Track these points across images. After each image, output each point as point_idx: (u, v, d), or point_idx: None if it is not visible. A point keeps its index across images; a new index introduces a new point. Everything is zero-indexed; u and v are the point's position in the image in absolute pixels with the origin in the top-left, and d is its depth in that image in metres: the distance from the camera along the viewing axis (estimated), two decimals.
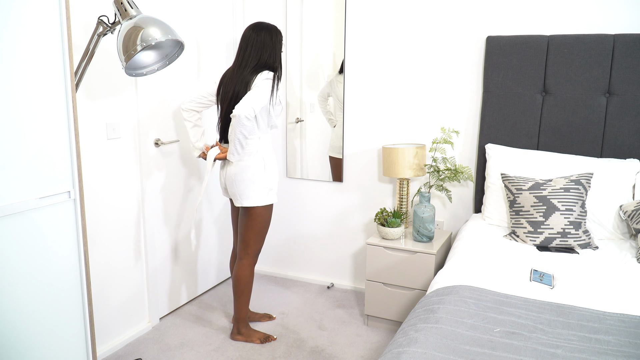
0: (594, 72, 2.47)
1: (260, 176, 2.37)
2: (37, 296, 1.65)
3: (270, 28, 2.38)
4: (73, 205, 1.75)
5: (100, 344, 2.39)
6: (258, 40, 2.33)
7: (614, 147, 2.48)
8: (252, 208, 2.41)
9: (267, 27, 2.37)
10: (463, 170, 2.60)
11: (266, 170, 2.39)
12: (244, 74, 2.32)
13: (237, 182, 2.37)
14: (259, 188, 2.37)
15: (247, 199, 2.38)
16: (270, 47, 2.35)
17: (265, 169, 2.38)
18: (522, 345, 1.41)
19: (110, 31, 1.95)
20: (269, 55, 2.34)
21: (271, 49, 2.35)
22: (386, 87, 2.98)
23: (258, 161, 2.36)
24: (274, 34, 2.37)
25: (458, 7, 2.74)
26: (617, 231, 2.34)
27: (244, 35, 2.37)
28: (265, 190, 2.40)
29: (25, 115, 1.56)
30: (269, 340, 2.56)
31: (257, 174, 2.36)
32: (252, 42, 2.34)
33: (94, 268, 2.33)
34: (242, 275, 2.50)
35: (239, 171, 2.35)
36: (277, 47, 2.38)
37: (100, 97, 2.32)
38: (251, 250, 2.49)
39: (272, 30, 2.37)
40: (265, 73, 2.29)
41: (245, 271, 2.50)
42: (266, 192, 2.41)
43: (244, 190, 2.37)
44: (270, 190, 2.43)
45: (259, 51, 2.33)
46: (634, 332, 1.48)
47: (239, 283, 2.51)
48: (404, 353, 1.38)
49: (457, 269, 2.00)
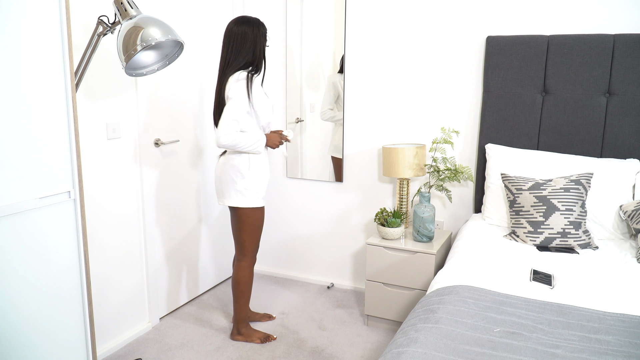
0: (594, 72, 2.47)
1: (243, 176, 2.34)
2: (37, 296, 1.65)
3: (252, 21, 2.33)
4: (73, 205, 1.75)
5: (100, 344, 2.39)
6: (239, 33, 2.29)
7: (614, 147, 2.48)
8: (239, 209, 2.39)
9: (248, 20, 2.33)
10: (463, 170, 2.60)
11: (251, 171, 2.35)
12: (226, 73, 2.31)
13: (220, 180, 2.38)
14: (241, 189, 2.35)
15: (228, 198, 2.38)
16: (250, 39, 2.30)
17: (250, 169, 2.34)
18: (522, 345, 1.41)
19: (110, 31, 1.95)
20: (249, 48, 2.30)
21: (252, 42, 2.30)
22: (386, 87, 2.98)
23: (243, 162, 2.34)
24: (255, 26, 2.32)
25: (458, 7, 2.74)
26: (617, 231, 2.34)
27: (226, 30, 2.34)
28: (249, 192, 2.36)
29: (25, 115, 1.56)
30: (269, 340, 2.56)
31: (240, 174, 2.34)
32: (233, 36, 2.30)
33: (94, 268, 2.33)
34: (241, 277, 2.50)
35: (224, 170, 2.36)
36: (259, 39, 2.33)
37: (100, 97, 2.32)
38: (247, 252, 2.48)
39: (253, 22, 2.33)
40: (237, 74, 2.26)
41: (243, 272, 2.49)
42: (249, 194, 2.36)
43: (225, 189, 2.37)
44: (255, 192, 2.38)
45: (240, 45, 2.29)
46: (634, 332, 1.48)
47: (238, 285, 2.50)
48: (404, 353, 1.38)
49: (457, 269, 2.00)
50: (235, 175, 2.34)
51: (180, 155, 2.88)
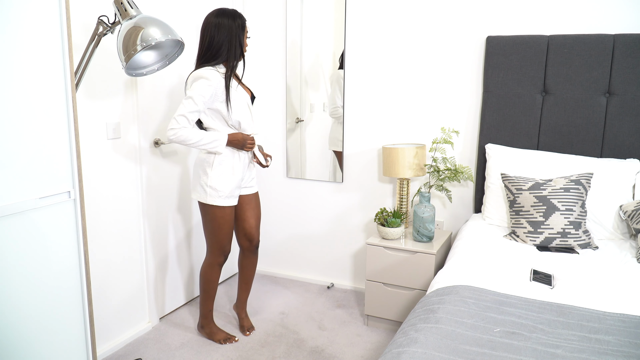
0: (594, 72, 2.47)
1: (206, 173, 2.34)
2: (37, 296, 1.65)
3: (227, 12, 2.27)
4: (73, 205, 1.75)
5: (100, 344, 2.39)
6: (214, 24, 2.24)
7: (614, 147, 2.48)
8: (200, 204, 2.41)
9: (224, 12, 2.27)
10: (463, 170, 2.60)
11: (214, 169, 2.33)
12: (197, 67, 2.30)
13: (192, 173, 2.44)
14: (203, 184, 2.35)
15: (194, 191, 2.41)
16: (227, 31, 2.24)
17: (212, 167, 2.32)
18: (522, 345, 1.41)
19: (110, 31, 1.96)
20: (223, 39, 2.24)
21: (227, 33, 2.24)
22: (386, 87, 2.98)
23: (209, 158, 2.34)
24: (230, 18, 2.25)
25: (458, 7, 2.74)
26: (617, 231, 2.34)
27: (204, 22, 2.28)
28: (210, 189, 2.33)
29: (25, 115, 1.56)
30: (230, 341, 2.55)
31: (204, 170, 2.35)
32: (208, 27, 2.25)
33: (94, 268, 2.33)
34: (202, 273, 2.52)
35: (196, 162, 2.40)
36: (235, 31, 2.25)
37: (100, 97, 2.32)
38: (212, 249, 2.47)
39: (228, 14, 2.26)
40: (199, 72, 2.21)
41: (205, 269, 2.51)
42: (210, 192, 2.34)
43: (194, 182, 2.41)
44: (215, 190, 2.34)
45: (212, 36, 2.24)
46: (634, 332, 1.48)
47: (200, 279, 2.54)
48: (404, 353, 1.38)
49: (457, 269, 2.00)
50: (201, 169, 2.37)
51: (180, 155, 2.88)
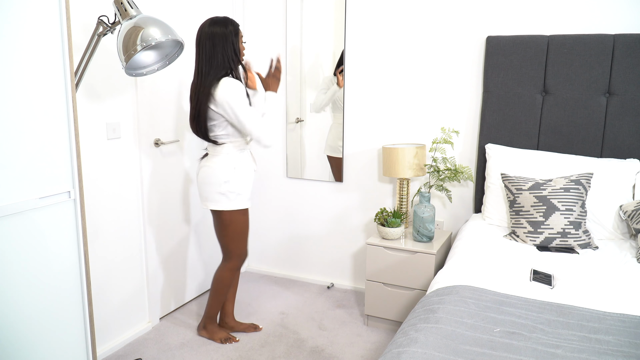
0: (594, 72, 2.47)
1: (226, 180, 2.31)
2: (37, 296, 1.65)
3: (219, 21, 2.24)
4: (73, 205, 1.75)
5: (100, 344, 2.39)
6: (208, 35, 2.22)
7: (614, 147, 2.48)
8: (221, 212, 2.37)
9: (216, 21, 2.25)
10: (463, 170, 2.60)
11: (237, 171, 2.33)
12: (204, 84, 2.23)
13: (204, 185, 2.36)
14: (225, 192, 2.32)
15: (213, 202, 2.35)
16: (221, 39, 2.22)
17: (235, 170, 2.32)
18: (522, 345, 1.41)
19: (110, 31, 1.95)
20: (222, 49, 2.22)
21: (224, 42, 2.22)
22: (386, 87, 2.98)
23: (226, 165, 2.31)
24: (222, 25, 2.23)
25: (458, 7, 2.74)
26: (617, 231, 2.34)
27: (197, 34, 2.26)
28: (232, 195, 2.34)
29: (25, 115, 1.57)
30: (230, 341, 2.54)
31: (224, 177, 2.31)
32: (203, 38, 2.23)
33: (94, 268, 2.33)
34: (221, 277, 2.50)
35: (206, 174, 2.34)
36: (230, 38, 2.23)
37: (100, 97, 2.32)
38: (233, 255, 2.47)
39: (220, 22, 2.24)
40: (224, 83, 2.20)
41: (224, 273, 2.49)
42: (233, 197, 2.34)
43: (209, 193, 2.35)
44: (239, 195, 2.35)
45: (210, 48, 2.22)
46: (634, 332, 1.48)
47: (216, 283, 2.51)
48: (404, 353, 1.38)
49: (457, 269, 2.00)
50: (217, 179, 2.32)
51: (180, 155, 2.88)
